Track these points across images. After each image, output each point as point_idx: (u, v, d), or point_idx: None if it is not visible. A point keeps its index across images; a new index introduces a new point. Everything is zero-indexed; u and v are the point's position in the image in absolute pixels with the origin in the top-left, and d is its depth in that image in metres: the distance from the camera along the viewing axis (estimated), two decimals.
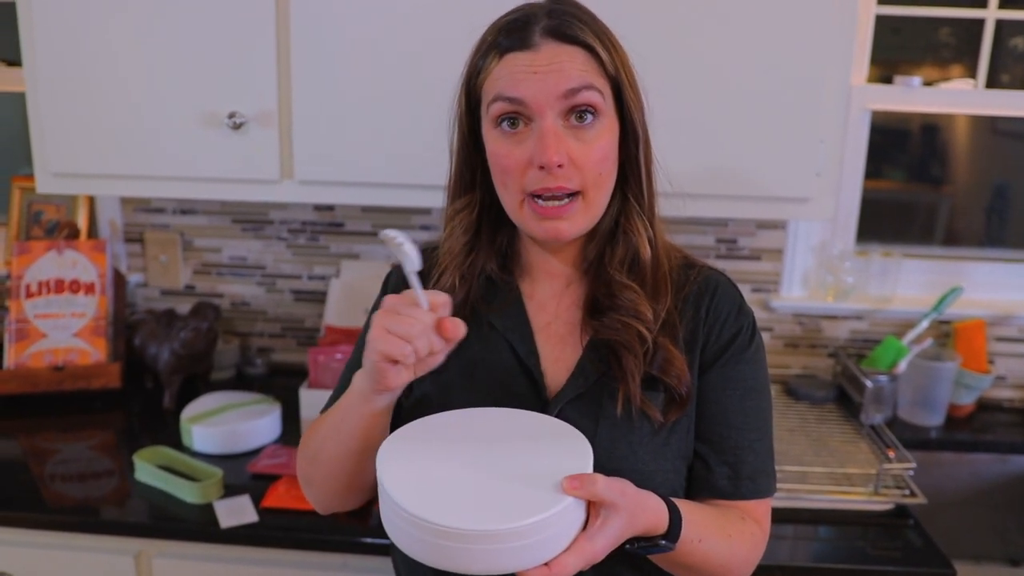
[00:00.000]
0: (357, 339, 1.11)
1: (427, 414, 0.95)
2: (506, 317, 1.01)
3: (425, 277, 1.02)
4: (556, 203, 0.90)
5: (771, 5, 1.46)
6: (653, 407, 0.94)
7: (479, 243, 1.01)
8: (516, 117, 0.90)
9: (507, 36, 0.91)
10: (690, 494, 0.99)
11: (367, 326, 1.08)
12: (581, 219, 0.92)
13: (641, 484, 0.87)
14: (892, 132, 2.03)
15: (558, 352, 1.00)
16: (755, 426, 1.00)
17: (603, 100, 0.90)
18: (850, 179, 1.94)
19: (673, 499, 0.89)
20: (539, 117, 0.89)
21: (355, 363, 1.09)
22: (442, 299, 0.84)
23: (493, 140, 0.93)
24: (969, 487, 1.89)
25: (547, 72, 0.88)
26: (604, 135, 0.91)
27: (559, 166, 0.88)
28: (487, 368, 0.99)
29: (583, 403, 0.96)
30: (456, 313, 0.93)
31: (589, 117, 0.90)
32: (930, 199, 2.11)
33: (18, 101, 1.66)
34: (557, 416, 0.94)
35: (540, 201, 0.91)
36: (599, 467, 0.87)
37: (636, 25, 1.46)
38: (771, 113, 1.50)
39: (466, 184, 1.00)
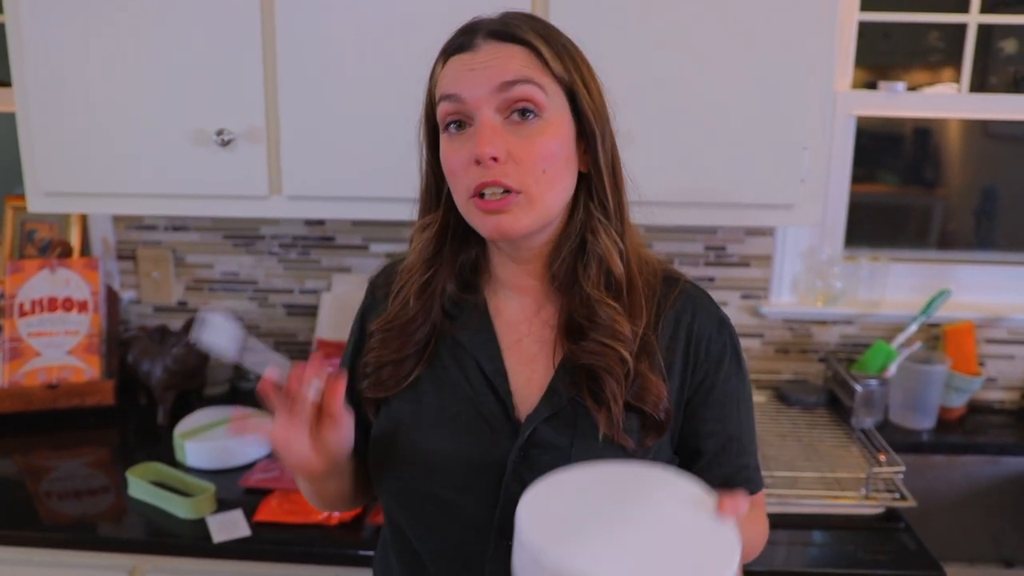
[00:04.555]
0: (344, 348, 1.11)
1: (400, 430, 0.97)
2: (473, 334, 0.99)
3: (386, 293, 1.05)
4: (496, 197, 0.88)
5: (753, 13, 1.47)
6: (628, 438, 0.92)
7: (440, 261, 0.99)
8: (460, 119, 0.90)
9: (453, 42, 0.92)
10: None
11: (352, 334, 1.10)
12: (524, 216, 0.89)
13: None
14: (883, 136, 2.04)
15: (529, 371, 0.97)
16: (750, 428, 1.02)
17: (546, 96, 0.89)
18: (837, 184, 1.96)
19: None
20: (476, 112, 0.88)
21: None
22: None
23: (443, 144, 0.92)
24: (961, 489, 1.89)
25: (483, 68, 0.88)
26: (547, 132, 0.89)
27: (494, 159, 0.86)
28: (456, 386, 0.98)
29: (557, 421, 0.94)
30: (417, 331, 0.98)
31: (531, 115, 0.88)
32: (920, 202, 2.12)
33: (9, 121, 1.67)
34: (530, 435, 0.93)
35: (483, 196, 0.89)
36: None
37: (620, 34, 1.48)
38: (755, 120, 1.51)
39: (432, 201, 1.00)
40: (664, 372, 0.95)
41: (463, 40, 0.91)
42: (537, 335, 0.99)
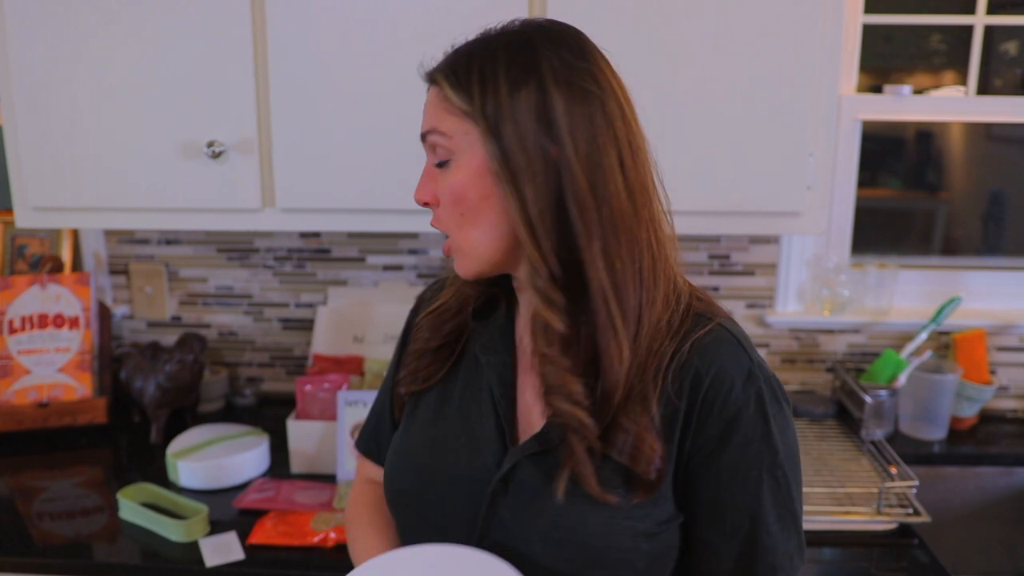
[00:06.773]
0: (390, 364, 1.10)
1: (405, 439, 0.98)
2: (491, 352, 0.95)
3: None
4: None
5: (757, 19, 1.44)
6: (609, 494, 0.82)
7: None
8: None
9: None
10: None
11: (398, 347, 1.08)
12: (463, 260, 0.89)
13: (590, 560, 0.82)
14: (887, 140, 2.01)
15: (536, 401, 0.91)
16: (780, 506, 0.85)
17: (449, 140, 0.84)
18: (843, 190, 1.92)
19: None
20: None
21: (384, 389, 1.10)
22: None
23: None
24: (975, 501, 1.85)
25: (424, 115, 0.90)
26: (454, 174, 0.85)
27: (425, 204, 0.90)
28: (461, 402, 0.95)
29: (544, 460, 0.86)
30: (448, 323, 0.97)
31: (446, 161, 0.87)
32: (926, 207, 2.09)
33: None
34: (514, 469, 0.87)
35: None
36: (545, 536, 0.84)
37: (623, 42, 1.44)
38: (760, 127, 1.47)
39: None
40: (658, 425, 0.83)
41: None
42: None
